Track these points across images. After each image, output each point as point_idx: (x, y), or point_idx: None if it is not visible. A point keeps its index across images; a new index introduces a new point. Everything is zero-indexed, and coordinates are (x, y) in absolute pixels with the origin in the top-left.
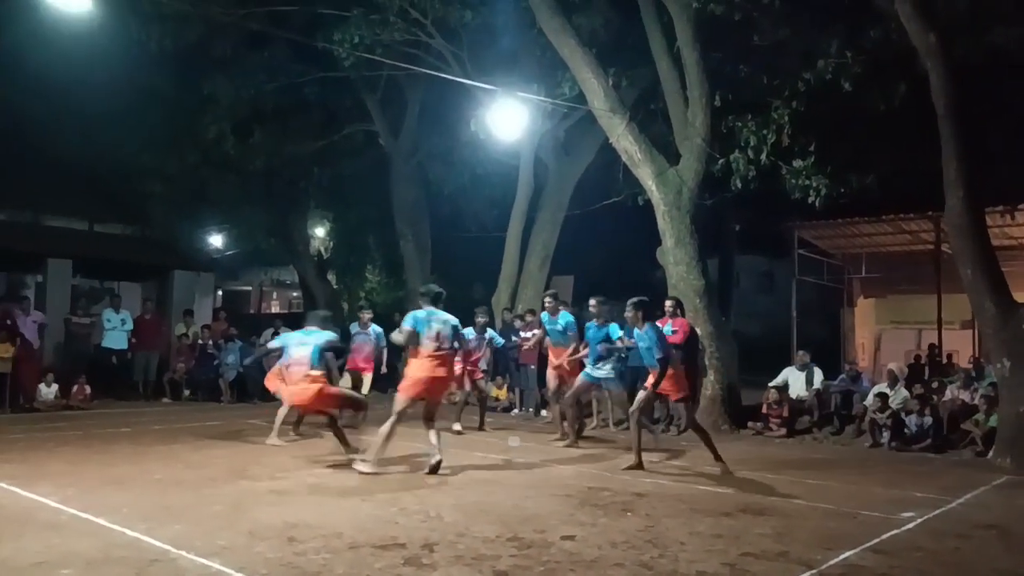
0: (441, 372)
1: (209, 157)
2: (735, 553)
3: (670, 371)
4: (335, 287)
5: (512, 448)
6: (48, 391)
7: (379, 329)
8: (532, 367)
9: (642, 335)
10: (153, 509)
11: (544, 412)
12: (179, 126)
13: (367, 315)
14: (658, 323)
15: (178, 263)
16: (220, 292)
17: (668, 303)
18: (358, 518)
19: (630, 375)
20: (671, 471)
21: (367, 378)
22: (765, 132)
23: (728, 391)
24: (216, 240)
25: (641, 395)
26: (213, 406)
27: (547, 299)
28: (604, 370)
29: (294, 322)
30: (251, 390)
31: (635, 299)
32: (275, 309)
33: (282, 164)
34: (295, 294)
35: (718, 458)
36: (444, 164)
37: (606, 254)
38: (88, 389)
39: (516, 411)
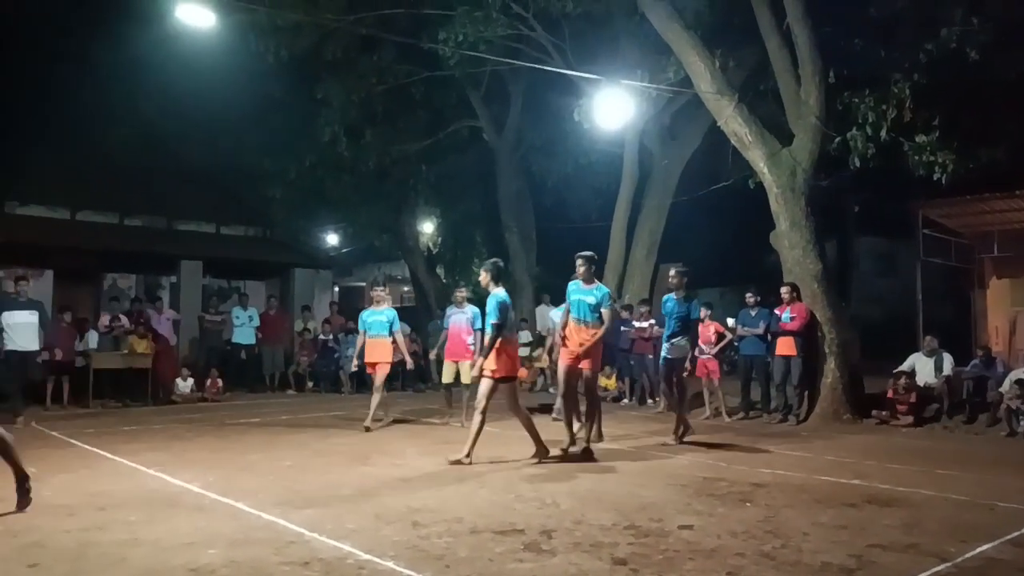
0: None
1: (324, 159)
2: (861, 544)
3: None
4: (444, 281)
5: (626, 436)
6: (185, 384)
7: (476, 309)
8: (649, 356)
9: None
10: (286, 494)
11: (651, 401)
12: (296, 131)
13: (463, 293)
14: (776, 310)
15: (298, 261)
16: (336, 288)
17: (784, 289)
18: (476, 504)
19: (743, 363)
20: (791, 461)
21: (465, 366)
22: (884, 107)
23: (849, 379)
24: (332, 238)
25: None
26: (335, 397)
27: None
28: (676, 348)
29: (406, 315)
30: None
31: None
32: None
33: (392, 163)
34: (406, 288)
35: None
36: (547, 156)
37: (716, 241)
38: (220, 382)
39: (625, 400)
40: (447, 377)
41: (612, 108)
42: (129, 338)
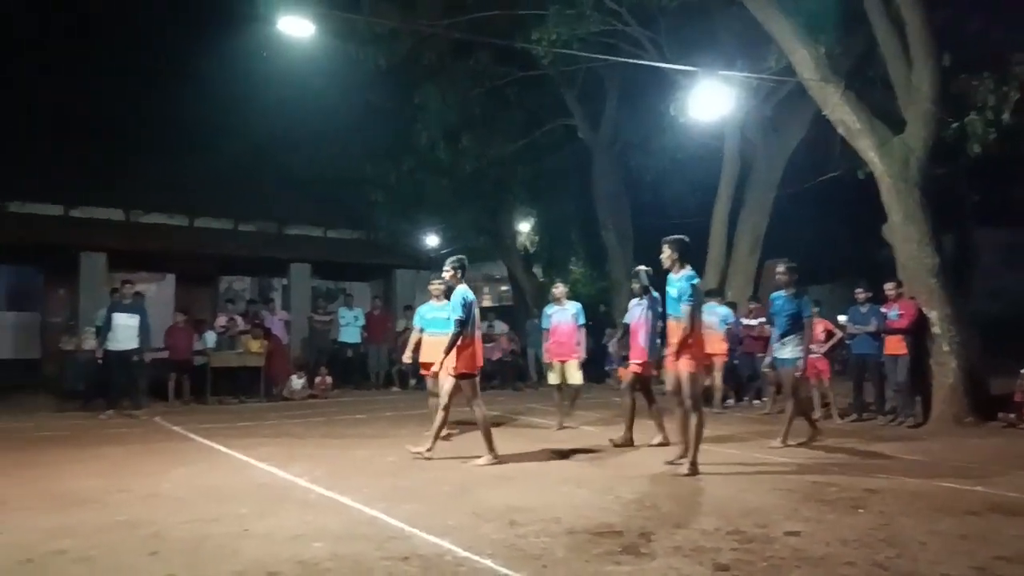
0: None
1: (423, 163)
2: (985, 555)
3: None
4: (541, 280)
5: (731, 438)
6: (297, 382)
7: (578, 305)
8: (759, 355)
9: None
10: (389, 490)
11: (757, 402)
12: (395, 136)
13: (561, 288)
14: (883, 308)
15: (400, 263)
16: None
17: (889, 285)
18: (575, 504)
19: (854, 363)
20: (906, 465)
21: (572, 366)
22: (1006, 89)
23: (971, 379)
24: (432, 240)
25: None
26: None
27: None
28: (788, 348)
29: (504, 314)
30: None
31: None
32: (486, 303)
33: (489, 164)
34: (504, 288)
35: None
36: (644, 152)
37: (823, 235)
38: (329, 379)
39: (730, 401)
40: (554, 378)
41: (710, 100)
42: (244, 338)
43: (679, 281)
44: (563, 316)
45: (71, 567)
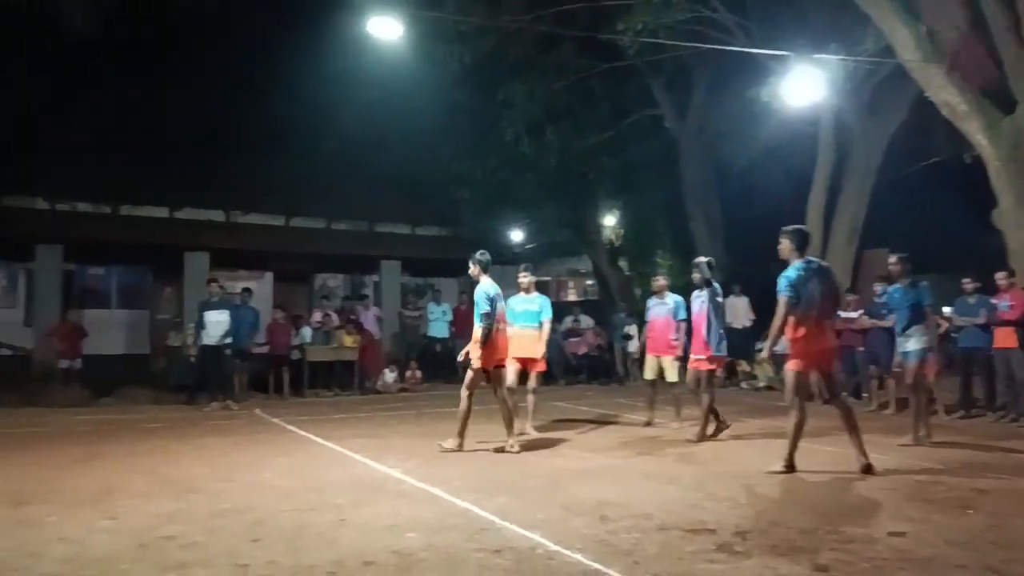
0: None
1: (508, 159)
2: None
3: None
4: (627, 273)
5: (830, 434)
6: (390, 375)
7: (679, 299)
8: (860, 349)
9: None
10: (480, 482)
11: (854, 399)
12: (481, 133)
13: (661, 281)
14: (993, 299)
15: None
16: None
17: (1000, 275)
18: (665, 501)
19: (962, 356)
20: (1020, 465)
21: (667, 362)
22: None
23: None
24: (517, 235)
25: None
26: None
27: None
28: (912, 340)
29: (591, 308)
30: (555, 373)
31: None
32: (571, 297)
33: (573, 158)
34: (589, 282)
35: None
36: (733, 140)
37: (927, 223)
38: (419, 373)
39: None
40: (649, 373)
41: (804, 85)
42: (338, 333)
43: (784, 275)
44: (661, 310)
45: (180, 552)
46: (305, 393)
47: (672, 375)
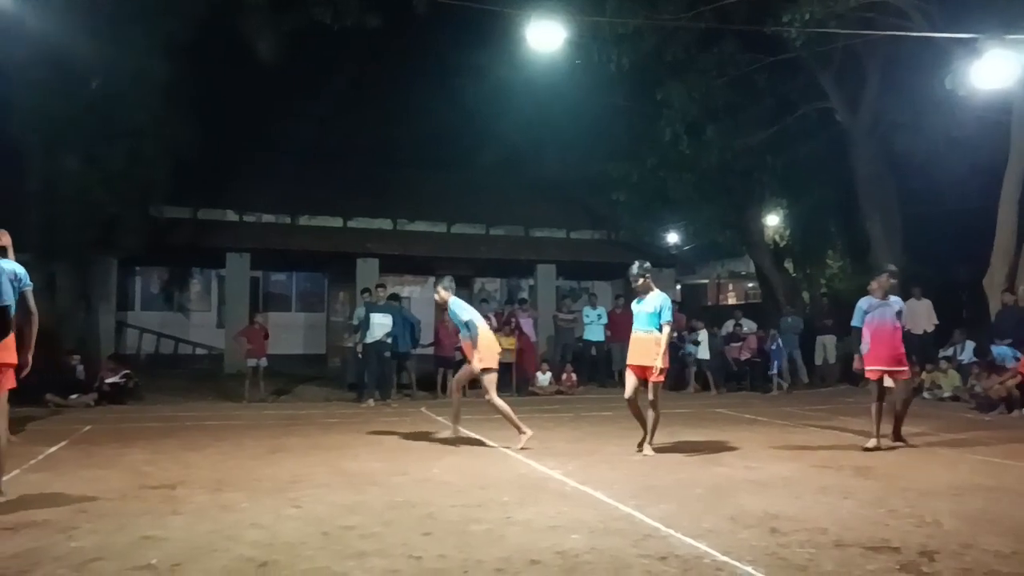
0: None
1: (666, 160)
2: None
3: None
4: (793, 275)
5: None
6: (544, 378)
7: (902, 301)
8: None
9: None
10: (641, 488)
11: None
12: (637, 135)
13: (885, 279)
14: None
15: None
16: (679, 286)
17: None
18: (840, 516)
19: None
20: None
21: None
22: None
23: None
24: (673, 237)
25: None
26: (681, 395)
27: None
28: None
29: (752, 313)
30: (714, 380)
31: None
32: (731, 301)
33: (735, 156)
34: (750, 285)
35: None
36: (912, 132)
37: None
38: (574, 376)
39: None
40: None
41: (993, 70)
42: (497, 335)
43: None
44: (886, 313)
45: (360, 542)
46: (466, 393)
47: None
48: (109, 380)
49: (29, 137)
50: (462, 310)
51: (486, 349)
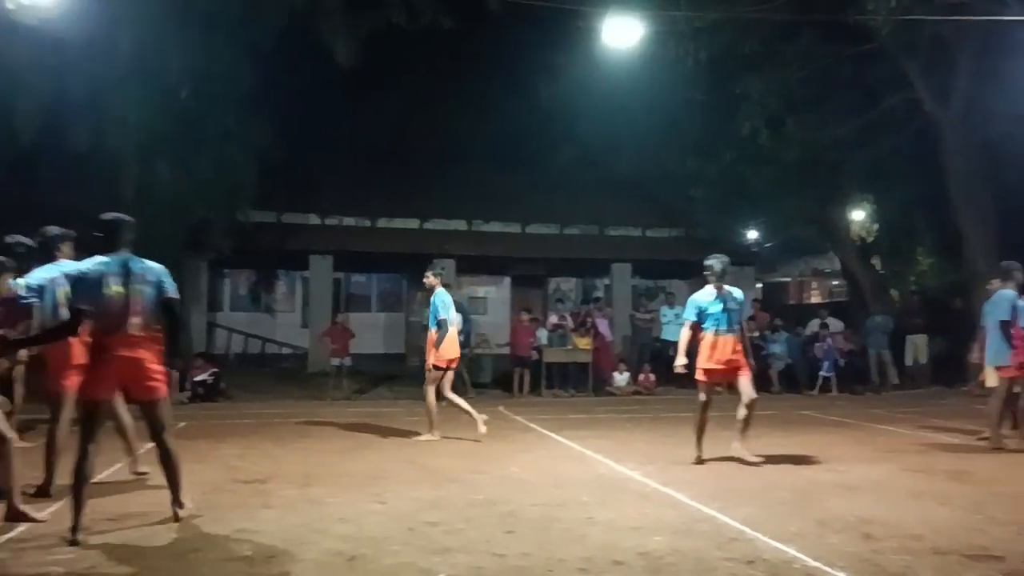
0: None
1: (744, 154)
2: None
3: None
4: (881, 273)
5: None
6: (621, 378)
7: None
8: None
9: None
10: (723, 490)
11: None
12: (714, 130)
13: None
14: None
15: None
16: (759, 285)
17: None
18: (935, 522)
19: None
20: None
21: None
22: None
23: None
24: (753, 234)
25: None
26: (763, 397)
27: None
28: None
29: (838, 311)
30: (801, 381)
31: None
32: (814, 299)
33: (817, 150)
34: (835, 283)
35: None
36: (1010, 121)
37: None
38: (652, 377)
39: None
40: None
41: None
42: (573, 335)
43: None
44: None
45: (444, 538)
46: (542, 393)
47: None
48: (198, 378)
49: (125, 147)
50: (445, 307)
51: (445, 350)
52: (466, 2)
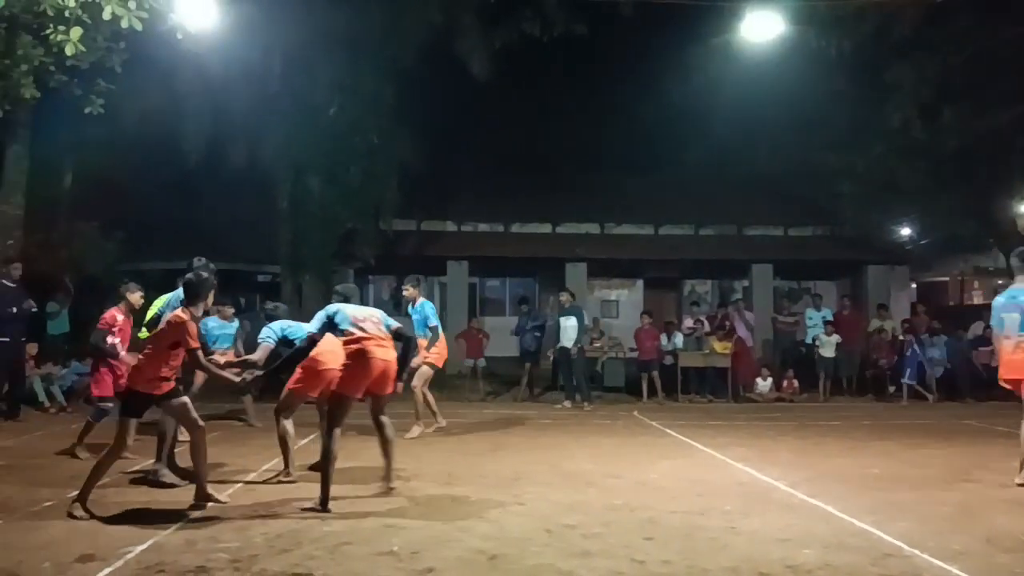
0: None
1: (895, 146)
2: None
3: None
4: None
5: None
6: (763, 384)
7: None
8: None
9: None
10: (877, 503)
11: None
12: (860, 122)
13: None
14: None
15: (869, 258)
16: (914, 285)
17: None
18: None
19: None
20: None
21: None
22: None
23: None
24: (906, 231)
25: None
26: (918, 405)
27: None
28: None
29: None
30: (962, 388)
31: None
32: (977, 300)
33: (978, 139)
34: (1000, 282)
35: None
36: None
37: None
38: (796, 383)
39: None
40: None
41: None
42: (710, 339)
43: None
44: None
45: (583, 541)
46: (678, 398)
47: None
48: None
49: (279, 163)
50: (435, 315)
51: (440, 350)
52: (598, 7)
